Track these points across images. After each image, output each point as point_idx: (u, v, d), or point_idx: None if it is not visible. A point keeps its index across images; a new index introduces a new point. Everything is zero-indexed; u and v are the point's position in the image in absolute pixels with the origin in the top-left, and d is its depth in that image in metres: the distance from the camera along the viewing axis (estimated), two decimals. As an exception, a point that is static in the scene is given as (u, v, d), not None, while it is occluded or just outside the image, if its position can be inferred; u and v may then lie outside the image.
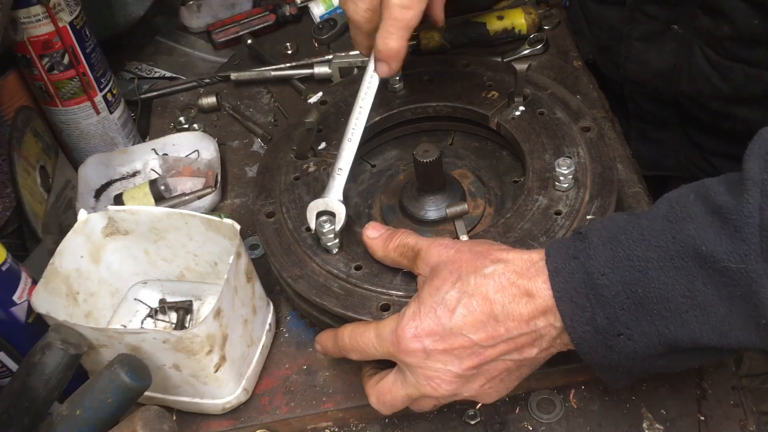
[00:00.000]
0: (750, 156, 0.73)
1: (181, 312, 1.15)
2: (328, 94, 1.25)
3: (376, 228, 0.99)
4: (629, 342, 0.78)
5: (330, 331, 0.97)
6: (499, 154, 1.22)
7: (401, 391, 0.89)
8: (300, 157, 1.15)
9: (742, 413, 0.98)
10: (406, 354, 0.85)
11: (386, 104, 1.21)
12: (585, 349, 0.80)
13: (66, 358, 0.89)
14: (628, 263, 0.76)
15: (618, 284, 0.76)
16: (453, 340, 0.83)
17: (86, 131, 1.44)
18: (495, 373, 0.86)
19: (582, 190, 1.02)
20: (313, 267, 1.01)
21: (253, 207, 1.10)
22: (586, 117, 1.12)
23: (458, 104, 1.18)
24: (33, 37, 1.29)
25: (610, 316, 0.77)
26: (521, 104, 1.15)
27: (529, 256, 0.84)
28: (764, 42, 1.09)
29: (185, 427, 1.04)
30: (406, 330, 0.84)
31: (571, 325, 0.79)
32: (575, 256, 0.79)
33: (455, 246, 0.89)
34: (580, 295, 0.78)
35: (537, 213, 1.01)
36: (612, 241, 0.78)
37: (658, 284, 0.75)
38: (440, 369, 0.84)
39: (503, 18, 1.48)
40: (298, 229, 1.05)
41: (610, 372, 0.84)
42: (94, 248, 1.09)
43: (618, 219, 0.81)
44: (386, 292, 0.97)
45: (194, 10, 1.73)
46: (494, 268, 0.83)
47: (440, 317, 0.83)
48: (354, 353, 0.92)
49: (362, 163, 1.25)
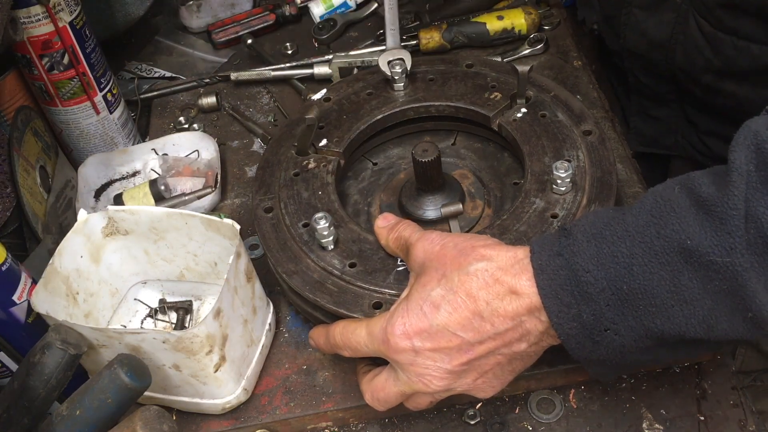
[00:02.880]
0: (735, 147, 0.73)
1: (181, 312, 1.15)
2: (331, 91, 1.26)
3: (386, 218, 1.00)
4: (616, 337, 0.78)
5: (322, 326, 0.97)
6: (500, 156, 1.22)
7: (394, 388, 0.89)
8: (301, 153, 1.15)
9: (741, 413, 0.98)
10: (395, 352, 0.85)
11: (389, 102, 1.21)
12: (572, 344, 0.81)
13: (66, 358, 0.89)
14: (613, 259, 0.76)
15: (603, 280, 0.76)
16: (440, 338, 0.83)
17: (86, 131, 1.44)
18: (487, 368, 0.86)
19: (580, 194, 1.02)
20: (308, 263, 1.02)
21: (252, 202, 1.11)
22: (588, 120, 1.12)
23: (461, 104, 1.19)
24: (33, 37, 1.29)
25: (595, 312, 0.77)
26: (523, 106, 1.15)
27: (514, 253, 0.84)
28: (752, 12, 1.10)
29: (185, 427, 1.04)
30: (395, 328, 0.84)
31: (557, 322, 0.80)
32: (560, 252, 0.79)
33: (441, 241, 0.88)
34: (566, 292, 0.78)
35: (533, 215, 1.01)
36: (596, 237, 0.78)
37: (643, 280, 0.75)
38: (430, 366, 0.85)
39: (503, 18, 1.48)
40: (295, 224, 1.06)
41: (599, 366, 0.84)
42: (93, 248, 1.09)
43: (603, 215, 0.81)
44: (379, 290, 0.97)
45: (194, 10, 1.73)
46: (478, 265, 0.83)
47: (427, 315, 0.83)
48: (345, 350, 0.92)
49: (363, 161, 1.25)
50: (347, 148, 1.16)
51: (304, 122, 1.12)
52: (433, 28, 1.51)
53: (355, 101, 1.22)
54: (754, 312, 0.71)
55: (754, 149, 0.71)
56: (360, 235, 1.03)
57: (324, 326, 0.97)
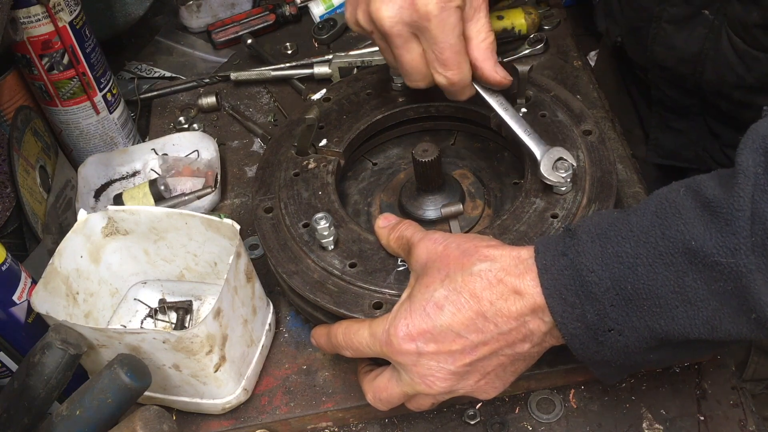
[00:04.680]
0: (743, 149, 0.73)
1: (181, 312, 1.15)
2: (331, 91, 1.26)
3: (387, 218, 1.00)
4: (620, 337, 0.78)
5: (324, 326, 0.97)
6: (500, 156, 1.22)
7: (396, 389, 0.89)
8: (301, 153, 1.15)
9: (741, 413, 0.98)
10: (398, 354, 0.85)
11: (389, 102, 1.21)
12: (576, 345, 0.81)
13: (66, 358, 0.89)
14: (617, 259, 0.76)
15: (607, 280, 0.76)
16: (444, 339, 0.83)
17: (86, 131, 1.43)
18: (489, 369, 0.86)
19: (580, 194, 1.02)
20: (308, 263, 1.01)
21: (252, 202, 1.10)
22: (588, 120, 1.12)
23: (460, 104, 1.18)
24: (33, 36, 1.29)
25: (599, 312, 0.77)
26: (523, 106, 1.15)
27: (518, 253, 0.84)
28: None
29: (185, 427, 1.04)
30: (398, 330, 0.84)
31: (561, 322, 0.80)
32: (564, 252, 0.79)
33: (444, 242, 0.88)
34: (570, 292, 0.78)
35: (533, 215, 1.01)
36: (601, 237, 0.78)
37: (647, 280, 0.75)
38: (434, 367, 0.85)
39: (503, 18, 1.48)
40: (296, 225, 1.06)
41: (603, 367, 0.84)
42: (93, 248, 1.09)
43: (607, 215, 0.81)
44: (379, 291, 0.97)
45: (194, 10, 1.73)
46: (482, 266, 0.83)
47: (430, 315, 0.83)
48: (347, 351, 0.92)
49: (363, 161, 1.25)
50: (347, 148, 1.16)
51: (303, 122, 1.12)
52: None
53: (354, 101, 1.22)
54: (758, 313, 0.71)
55: (762, 152, 0.71)
56: (360, 236, 1.03)
57: (326, 326, 0.97)
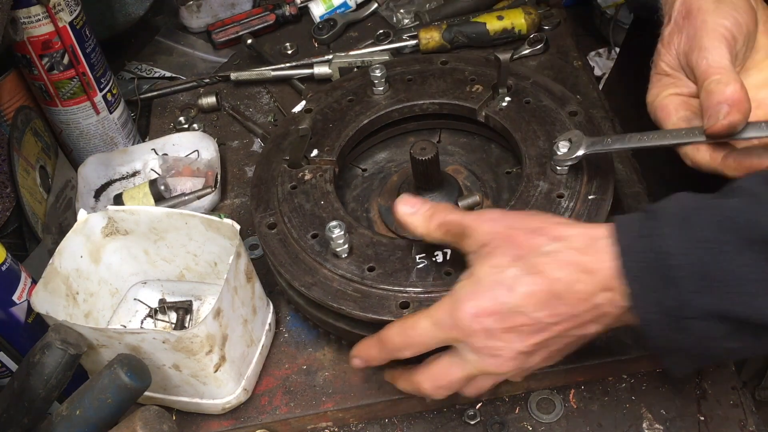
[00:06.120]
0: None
1: (181, 312, 1.15)
2: (311, 102, 1.24)
3: (410, 202, 0.94)
4: (700, 324, 0.76)
5: (368, 339, 0.93)
6: (488, 147, 1.22)
7: (459, 373, 0.88)
8: (293, 165, 1.14)
9: (741, 413, 0.98)
10: (467, 335, 0.84)
11: (373, 106, 1.20)
12: (653, 330, 0.79)
13: (66, 358, 0.89)
14: (701, 244, 0.75)
15: (689, 266, 0.75)
16: (515, 319, 0.82)
17: (86, 131, 1.44)
18: (554, 348, 0.85)
19: (580, 172, 1.03)
20: (324, 273, 1.00)
21: (254, 220, 1.09)
22: (571, 102, 1.13)
23: (445, 100, 1.19)
24: (33, 37, 1.29)
25: (680, 297, 0.76)
26: (506, 95, 1.15)
27: (591, 232, 0.82)
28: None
29: (185, 427, 1.04)
30: (465, 311, 0.83)
31: (639, 305, 0.78)
32: (646, 234, 0.78)
33: (505, 221, 0.87)
34: (650, 275, 0.76)
35: (540, 198, 1.02)
36: (685, 221, 0.77)
37: (731, 266, 0.73)
38: (503, 347, 0.84)
39: (503, 18, 1.48)
40: (304, 237, 1.04)
41: (677, 356, 0.82)
42: (93, 248, 1.09)
43: (687, 200, 0.79)
44: (403, 290, 0.96)
45: (194, 10, 1.73)
46: (554, 245, 0.82)
47: (500, 296, 0.82)
48: (408, 349, 0.89)
49: (353, 169, 1.24)
50: (340, 156, 1.15)
51: (292, 134, 1.11)
52: (433, 28, 1.51)
53: (337, 109, 1.21)
54: None
55: None
56: (373, 239, 1.02)
57: (369, 338, 0.93)
